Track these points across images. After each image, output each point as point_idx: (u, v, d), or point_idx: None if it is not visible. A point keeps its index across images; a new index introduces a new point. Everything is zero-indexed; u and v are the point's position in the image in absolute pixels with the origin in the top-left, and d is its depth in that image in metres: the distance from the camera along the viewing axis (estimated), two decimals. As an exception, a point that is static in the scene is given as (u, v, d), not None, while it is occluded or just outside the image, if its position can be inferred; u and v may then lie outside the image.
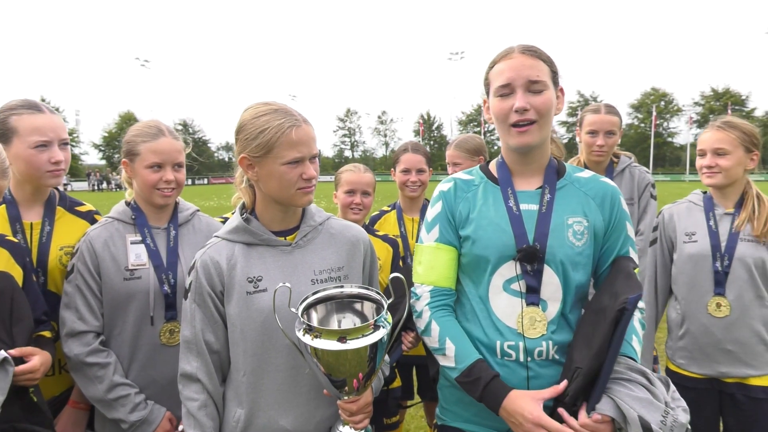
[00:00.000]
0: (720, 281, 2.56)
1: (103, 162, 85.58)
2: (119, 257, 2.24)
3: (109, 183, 54.31)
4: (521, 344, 1.77)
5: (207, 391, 1.83)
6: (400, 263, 3.07)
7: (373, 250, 2.09)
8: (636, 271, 1.79)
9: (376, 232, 3.12)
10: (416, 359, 3.09)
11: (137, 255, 2.26)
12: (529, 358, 1.77)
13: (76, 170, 70.93)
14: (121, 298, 2.22)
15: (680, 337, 2.72)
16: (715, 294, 2.57)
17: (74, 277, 2.21)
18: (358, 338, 1.60)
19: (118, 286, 2.22)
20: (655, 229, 2.87)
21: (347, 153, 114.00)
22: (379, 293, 1.78)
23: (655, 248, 2.84)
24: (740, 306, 2.53)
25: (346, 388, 1.69)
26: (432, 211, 1.95)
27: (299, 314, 1.67)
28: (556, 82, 1.84)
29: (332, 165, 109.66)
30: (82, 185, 55.45)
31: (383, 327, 1.66)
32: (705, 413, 2.64)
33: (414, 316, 1.93)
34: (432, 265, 1.89)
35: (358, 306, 1.81)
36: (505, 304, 1.81)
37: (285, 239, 1.90)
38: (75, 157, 78.45)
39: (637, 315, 1.85)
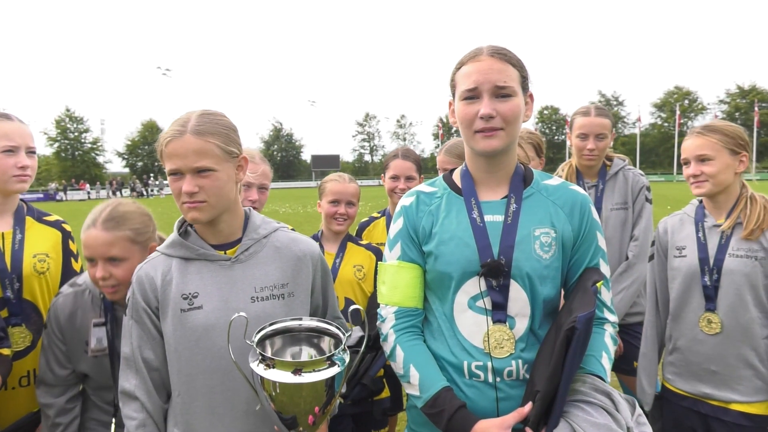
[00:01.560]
0: (710, 296, 2.43)
1: (127, 170, 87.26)
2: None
3: (133, 189, 55.22)
4: (489, 364, 1.68)
5: (146, 410, 1.77)
6: None
7: (324, 265, 1.99)
8: (599, 285, 1.68)
9: (359, 242, 3.09)
10: None
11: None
12: (498, 379, 1.68)
13: (101, 178, 72.33)
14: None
15: (670, 352, 2.63)
16: (706, 310, 2.44)
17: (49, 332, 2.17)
18: (312, 372, 1.54)
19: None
20: (652, 244, 2.76)
21: (367, 157, 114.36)
22: (338, 327, 1.71)
23: (653, 264, 2.73)
24: (731, 324, 2.39)
25: (300, 428, 1.61)
26: (394, 228, 1.86)
27: (254, 345, 1.59)
28: (525, 88, 1.75)
29: (352, 169, 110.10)
30: (104, 193, 56.47)
31: (338, 365, 1.58)
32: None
33: (380, 339, 1.85)
34: (395, 284, 1.80)
35: (315, 340, 1.74)
36: (470, 322, 1.71)
37: (225, 253, 1.81)
38: (99, 166, 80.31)
39: (608, 329, 1.77)
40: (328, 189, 2.98)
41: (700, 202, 2.61)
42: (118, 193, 52.86)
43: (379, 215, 3.42)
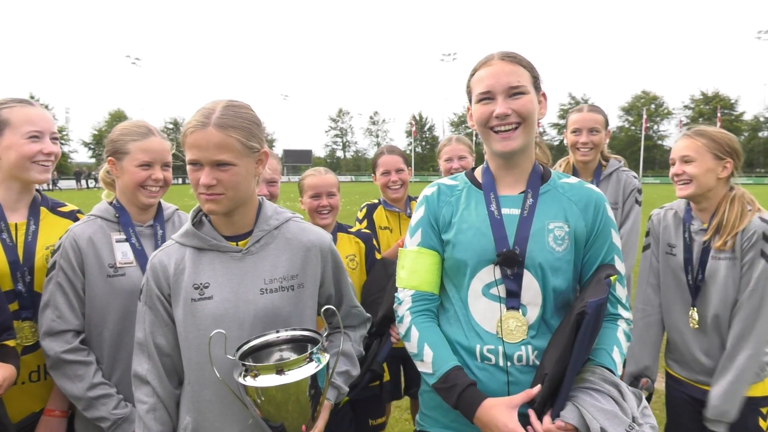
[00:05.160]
0: (693, 294, 2.58)
1: (93, 160, 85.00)
2: (103, 254, 2.21)
3: (97, 181, 53.78)
4: (500, 348, 1.76)
5: (157, 395, 1.80)
6: (377, 255, 3.08)
7: (335, 255, 2.00)
8: (613, 279, 1.75)
9: (349, 230, 3.14)
10: (405, 352, 3.08)
11: (124, 253, 2.25)
12: (509, 363, 1.76)
13: (66, 168, 70.32)
14: (103, 297, 2.19)
15: (669, 340, 2.78)
16: (692, 306, 2.59)
17: (56, 273, 2.17)
18: (296, 369, 1.57)
19: (101, 283, 2.19)
20: (647, 234, 2.86)
21: (339, 153, 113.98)
22: (315, 331, 1.74)
23: (648, 254, 2.83)
24: (713, 322, 2.53)
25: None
26: (415, 216, 1.95)
27: (237, 359, 1.62)
28: (537, 87, 1.84)
29: (324, 164, 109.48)
30: (71, 183, 54.93)
31: (316, 361, 1.62)
32: (683, 420, 2.67)
33: (396, 321, 1.93)
34: (414, 269, 1.89)
35: (297, 348, 1.77)
36: (484, 308, 1.80)
37: (237, 245, 1.83)
38: (64, 155, 77.91)
39: (622, 325, 1.83)
40: (307, 184, 3.02)
41: (688, 201, 2.72)
42: (84, 182, 51.50)
43: (377, 202, 3.55)
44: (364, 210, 3.48)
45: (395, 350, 2.80)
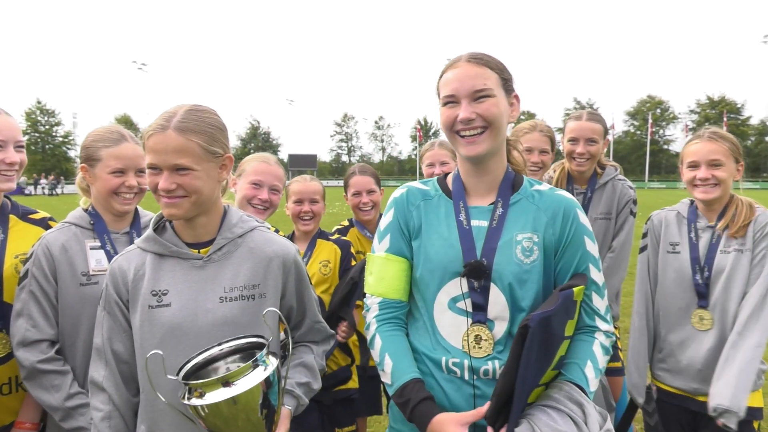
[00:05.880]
0: (702, 294, 2.51)
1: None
2: (76, 262, 2.16)
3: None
4: (466, 362, 1.70)
5: (113, 402, 1.77)
6: (353, 262, 3.09)
7: (299, 267, 1.96)
8: (577, 290, 1.66)
9: (329, 236, 3.16)
10: None
11: (98, 260, 2.20)
12: (475, 377, 1.70)
13: (72, 172, 70.79)
14: (76, 305, 2.14)
15: (660, 349, 2.68)
16: (698, 307, 2.52)
17: (28, 282, 2.12)
18: (242, 378, 1.49)
19: (74, 292, 2.14)
20: (644, 236, 2.80)
21: (344, 158, 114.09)
22: (260, 336, 1.69)
23: (647, 255, 2.76)
24: (722, 318, 2.47)
25: None
26: (384, 220, 1.89)
27: (179, 379, 1.55)
28: (509, 90, 1.78)
29: (329, 170, 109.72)
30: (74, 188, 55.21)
31: (262, 365, 1.55)
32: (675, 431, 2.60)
33: (364, 327, 1.89)
34: (382, 276, 1.83)
35: (245, 358, 1.69)
36: (449, 323, 1.74)
37: (198, 252, 1.80)
38: (71, 160, 78.56)
39: (599, 338, 1.75)
40: (291, 190, 3.06)
41: (692, 202, 2.67)
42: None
43: (348, 224, 3.49)
44: (336, 235, 3.37)
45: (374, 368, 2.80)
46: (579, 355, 1.71)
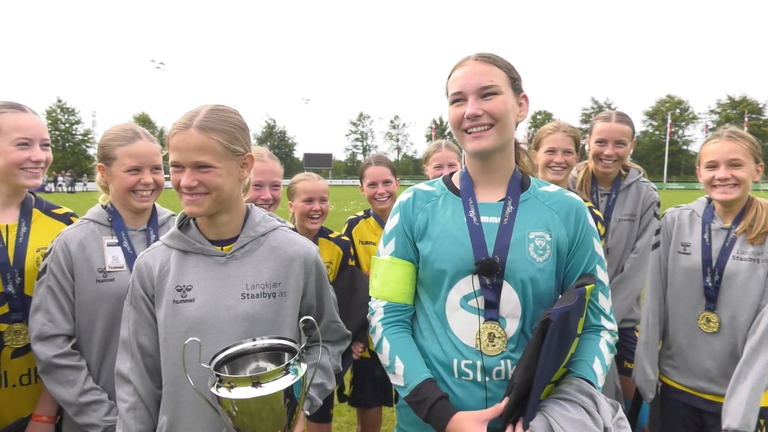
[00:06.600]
0: (711, 297, 2.48)
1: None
2: (93, 259, 2.20)
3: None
4: (479, 363, 1.69)
5: (138, 394, 1.82)
6: (351, 262, 3.13)
7: (319, 268, 1.98)
8: (588, 288, 1.67)
9: (329, 235, 3.18)
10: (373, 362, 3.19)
11: (114, 257, 2.23)
12: (487, 378, 1.69)
13: (91, 170, 71.79)
14: (92, 301, 2.18)
15: (668, 346, 2.68)
16: (705, 309, 2.50)
17: (46, 277, 2.17)
18: (272, 381, 1.54)
19: (90, 288, 2.18)
20: (657, 232, 2.77)
21: (359, 157, 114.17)
22: (292, 340, 1.72)
23: (659, 252, 2.74)
24: (729, 323, 2.44)
25: None
26: (390, 223, 1.89)
27: (212, 369, 1.60)
28: (517, 89, 1.78)
29: (344, 168, 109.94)
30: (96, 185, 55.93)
31: (293, 373, 1.59)
32: (679, 430, 2.60)
33: (369, 331, 1.89)
34: (386, 279, 1.83)
35: (273, 357, 1.73)
36: (462, 321, 1.73)
37: (222, 249, 1.83)
38: (90, 158, 79.62)
39: (605, 336, 1.78)
40: (300, 188, 3.05)
41: (709, 201, 2.63)
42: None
43: (365, 215, 3.48)
44: (345, 226, 3.44)
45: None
46: (586, 353, 1.73)
